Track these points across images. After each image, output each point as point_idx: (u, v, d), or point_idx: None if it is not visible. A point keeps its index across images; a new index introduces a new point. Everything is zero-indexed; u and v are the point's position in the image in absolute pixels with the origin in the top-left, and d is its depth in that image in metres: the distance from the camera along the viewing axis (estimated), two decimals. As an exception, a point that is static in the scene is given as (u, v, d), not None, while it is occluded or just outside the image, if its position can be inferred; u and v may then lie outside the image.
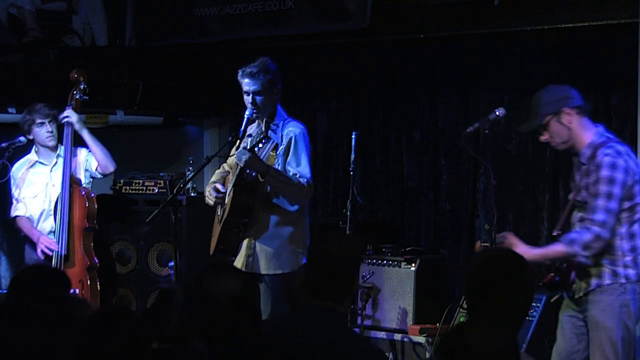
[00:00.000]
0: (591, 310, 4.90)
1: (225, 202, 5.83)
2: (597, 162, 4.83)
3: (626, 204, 4.84)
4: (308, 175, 5.75)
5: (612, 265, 4.87)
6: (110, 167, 6.99)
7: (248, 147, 5.55)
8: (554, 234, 5.00)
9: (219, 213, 5.97)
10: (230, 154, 6.06)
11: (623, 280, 4.86)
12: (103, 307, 6.76)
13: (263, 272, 5.70)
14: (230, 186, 5.82)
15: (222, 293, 3.36)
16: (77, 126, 6.79)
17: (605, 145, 4.89)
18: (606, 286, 4.87)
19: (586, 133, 4.95)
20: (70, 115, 6.76)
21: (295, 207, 5.81)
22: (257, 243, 5.75)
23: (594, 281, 4.90)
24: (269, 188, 5.74)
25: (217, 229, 5.92)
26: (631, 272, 4.88)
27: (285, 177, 5.68)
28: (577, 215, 4.99)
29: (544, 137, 5.01)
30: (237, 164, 5.74)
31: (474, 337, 2.73)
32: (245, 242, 5.78)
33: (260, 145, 5.56)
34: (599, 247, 4.82)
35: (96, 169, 6.94)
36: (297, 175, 5.72)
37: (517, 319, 3.33)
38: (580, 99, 5.00)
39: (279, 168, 5.75)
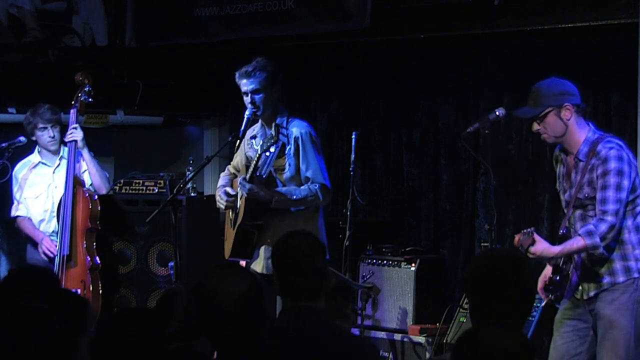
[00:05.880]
0: (604, 309, 4.86)
1: (238, 205, 5.82)
2: (602, 156, 4.84)
3: (630, 197, 4.86)
4: (320, 177, 5.72)
5: (623, 260, 4.86)
6: (103, 190, 6.98)
7: (249, 174, 5.51)
8: (560, 232, 4.96)
9: (231, 217, 5.96)
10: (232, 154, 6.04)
11: (636, 275, 4.84)
12: (119, 308, 6.81)
13: None
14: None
15: (228, 292, 3.36)
16: (79, 144, 6.79)
17: (604, 139, 4.91)
18: (619, 284, 4.85)
19: (581, 131, 4.95)
20: (75, 135, 6.76)
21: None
22: None
23: (606, 279, 4.87)
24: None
25: (230, 232, 5.91)
26: None
27: (294, 196, 5.65)
28: (577, 213, 4.99)
29: (536, 128, 5.01)
30: (247, 166, 5.76)
31: (493, 338, 2.71)
32: (263, 247, 5.77)
33: (272, 149, 5.49)
34: (612, 237, 4.80)
35: (90, 185, 6.93)
36: (310, 182, 5.70)
37: (519, 320, 3.33)
38: (580, 98, 5.01)
39: (291, 169, 5.72)
